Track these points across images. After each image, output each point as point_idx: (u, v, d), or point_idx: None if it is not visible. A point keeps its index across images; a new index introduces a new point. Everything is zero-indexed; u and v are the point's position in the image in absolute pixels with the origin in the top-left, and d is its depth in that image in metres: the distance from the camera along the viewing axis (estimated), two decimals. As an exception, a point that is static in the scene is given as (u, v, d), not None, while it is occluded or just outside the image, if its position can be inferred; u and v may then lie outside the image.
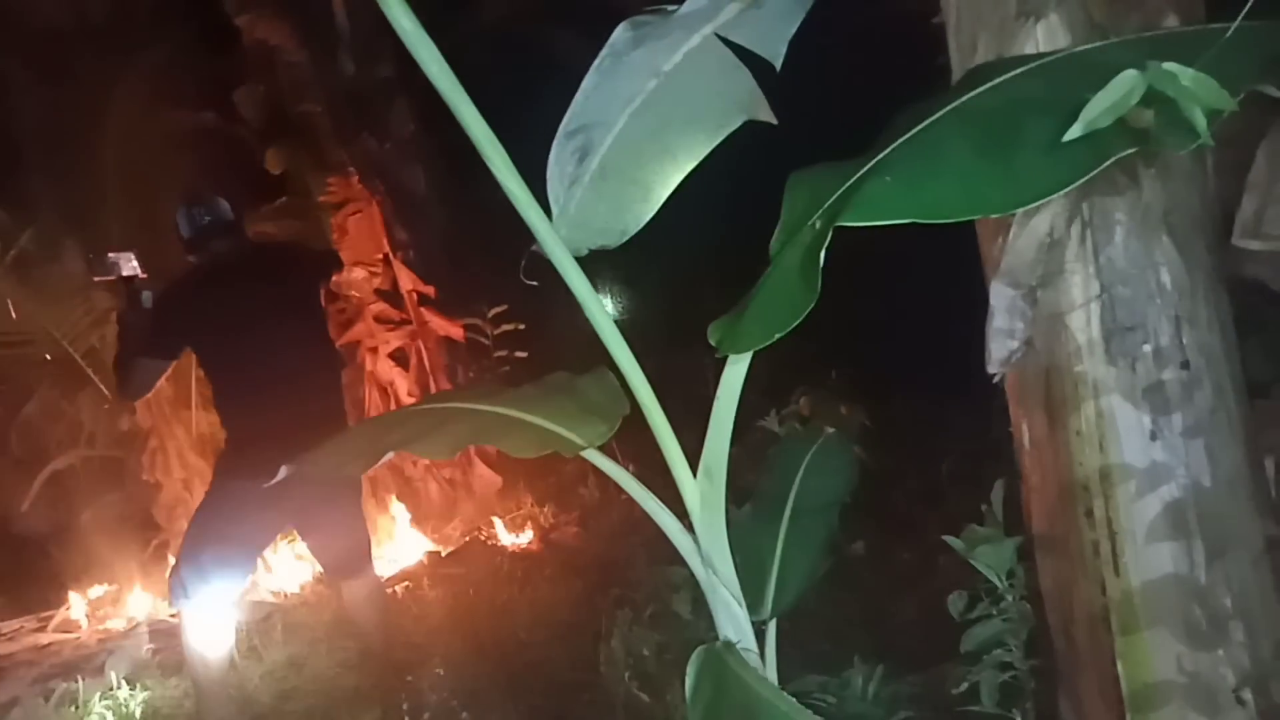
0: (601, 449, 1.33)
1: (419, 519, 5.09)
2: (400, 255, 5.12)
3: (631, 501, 4.19)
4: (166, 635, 4.05)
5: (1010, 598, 1.53)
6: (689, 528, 1.30)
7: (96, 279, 3.43)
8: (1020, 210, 1.34)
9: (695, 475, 1.27)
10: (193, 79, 5.30)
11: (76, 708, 3.28)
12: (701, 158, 1.31)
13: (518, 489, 5.24)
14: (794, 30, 1.26)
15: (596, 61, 1.11)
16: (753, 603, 1.38)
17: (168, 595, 3.22)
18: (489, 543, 4.69)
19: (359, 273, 4.69)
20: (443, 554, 4.64)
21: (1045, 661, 1.53)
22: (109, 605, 4.47)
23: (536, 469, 5.25)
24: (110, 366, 3.51)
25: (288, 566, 4.52)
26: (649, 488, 1.33)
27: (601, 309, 1.19)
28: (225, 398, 3.03)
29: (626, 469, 1.34)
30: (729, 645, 1.17)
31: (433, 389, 5.24)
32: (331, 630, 3.51)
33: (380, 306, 5.12)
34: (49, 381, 4.96)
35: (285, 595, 4.26)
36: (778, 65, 1.25)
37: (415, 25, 1.05)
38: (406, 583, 4.27)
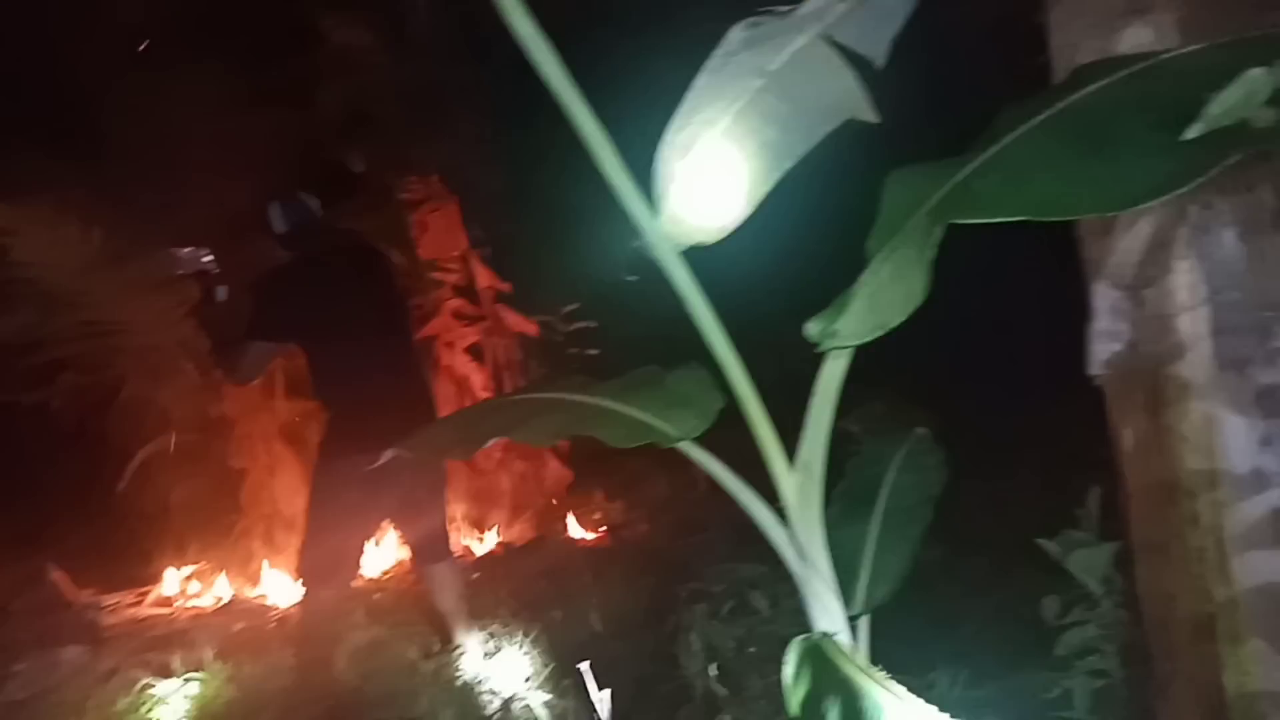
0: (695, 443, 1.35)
1: (492, 512, 5.19)
2: (477, 252, 5.23)
3: (701, 499, 4.23)
4: (253, 614, 4.22)
5: (1106, 603, 1.51)
6: (783, 522, 1.31)
7: (178, 273, 3.61)
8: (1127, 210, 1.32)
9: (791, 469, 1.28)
10: (276, 79, 5.50)
11: (171, 679, 3.45)
12: (800, 157, 1.33)
13: (588, 484, 5.31)
14: (897, 30, 1.27)
15: (709, 61, 1.14)
16: (844, 599, 1.38)
17: (297, 575, 3.41)
18: (560, 536, 4.76)
19: None
20: (514, 547, 4.73)
21: (1141, 669, 1.50)
22: (198, 584, 4.68)
23: (606, 465, 5.32)
24: (210, 355, 3.70)
25: (373, 553, 4.67)
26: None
27: (702, 303, 1.22)
28: (328, 385, 3.18)
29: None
30: (829, 636, 1.18)
31: (506, 384, 5.34)
32: (414, 614, 3.61)
33: (457, 302, 5.24)
34: (141, 369, 5.19)
35: (364, 579, 4.40)
36: (880, 64, 1.26)
37: (531, 27, 1.09)
38: (476, 573, 4.38)
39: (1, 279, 4.34)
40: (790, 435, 1.36)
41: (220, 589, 4.62)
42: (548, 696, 2.43)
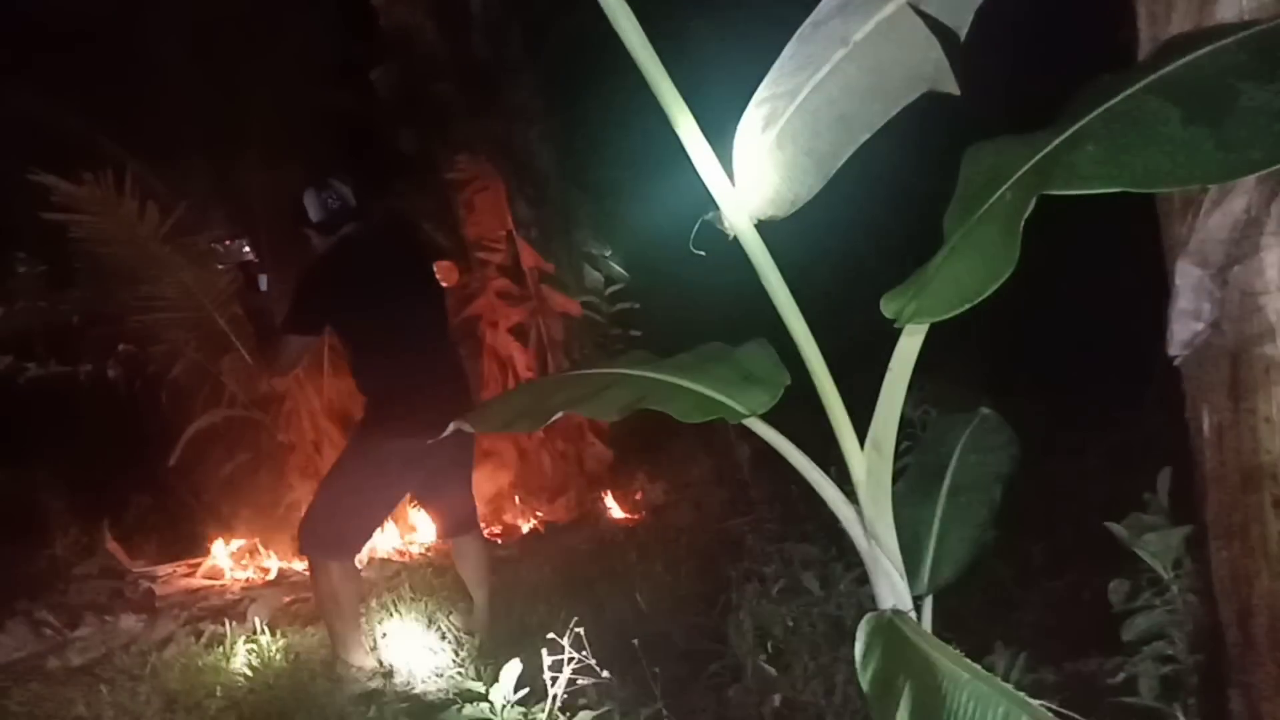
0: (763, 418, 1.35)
1: (534, 491, 5.24)
2: (523, 232, 5.25)
3: (745, 480, 4.19)
4: (301, 587, 4.31)
5: (1175, 588, 1.49)
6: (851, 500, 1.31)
7: (220, 266, 3.69)
8: (1214, 187, 1.29)
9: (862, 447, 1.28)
10: (331, 60, 5.55)
11: (223, 648, 3.53)
12: (876, 129, 1.31)
13: (630, 465, 5.32)
14: (980, 2, 1.25)
15: (799, 30, 1.13)
16: (909, 577, 1.38)
17: (297, 543, 3.48)
18: (602, 516, 4.79)
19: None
20: (557, 525, 4.77)
21: (1211, 655, 1.47)
22: (248, 556, 4.78)
23: (648, 446, 5.33)
24: (253, 343, 3.78)
25: (419, 527, 4.74)
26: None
27: (778, 277, 1.22)
28: (365, 366, 3.23)
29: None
30: (900, 613, 1.18)
31: (550, 364, 5.37)
32: (456, 590, 3.66)
33: (502, 282, 5.27)
34: (195, 345, 5.29)
35: (411, 555, 4.47)
36: (962, 36, 1.24)
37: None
38: (518, 550, 4.42)
39: (62, 255, 4.44)
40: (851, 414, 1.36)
41: (269, 561, 4.72)
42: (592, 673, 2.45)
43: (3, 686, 3.26)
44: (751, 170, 1.23)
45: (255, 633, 3.65)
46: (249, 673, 3.29)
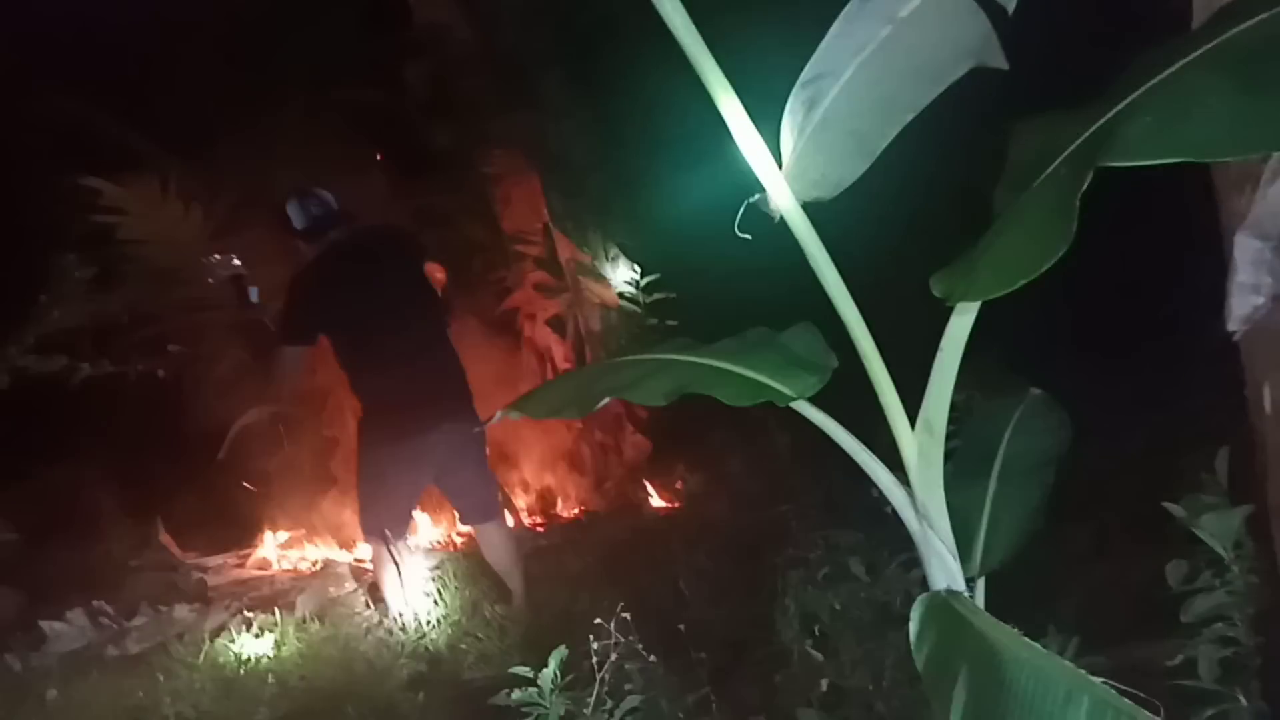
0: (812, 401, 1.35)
1: (572, 480, 5.27)
2: (559, 225, 5.27)
3: (784, 468, 4.17)
4: (345, 578, 4.38)
5: (1235, 569, 1.46)
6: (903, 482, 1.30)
7: (210, 281, 3.77)
8: (1274, 156, 1.26)
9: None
10: (364, 56, 5.60)
11: (273, 636, 3.61)
12: (921, 108, 1.30)
13: (668, 455, 5.33)
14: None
15: (845, 9, 1.12)
16: (960, 560, 1.37)
17: (359, 538, 3.61)
18: (642, 505, 4.80)
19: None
20: (597, 514, 4.80)
21: (1274, 637, 1.45)
22: (295, 548, 4.88)
23: (686, 436, 5.33)
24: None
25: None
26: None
27: (826, 258, 1.21)
28: (359, 372, 3.33)
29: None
30: (955, 593, 1.17)
31: (587, 356, 5.39)
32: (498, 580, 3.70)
33: (539, 275, 5.30)
34: (239, 342, 5.39)
35: (455, 544, 4.53)
36: (1010, 9, 1.22)
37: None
38: (558, 539, 4.45)
39: (111, 256, 4.55)
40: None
41: (315, 553, 4.81)
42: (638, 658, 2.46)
43: (65, 674, 3.36)
44: (797, 152, 1.23)
45: (304, 621, 3.72)
46: (299, 660, 3.36)
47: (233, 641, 3.61)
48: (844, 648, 2.22)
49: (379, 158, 5.48)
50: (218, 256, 3.79)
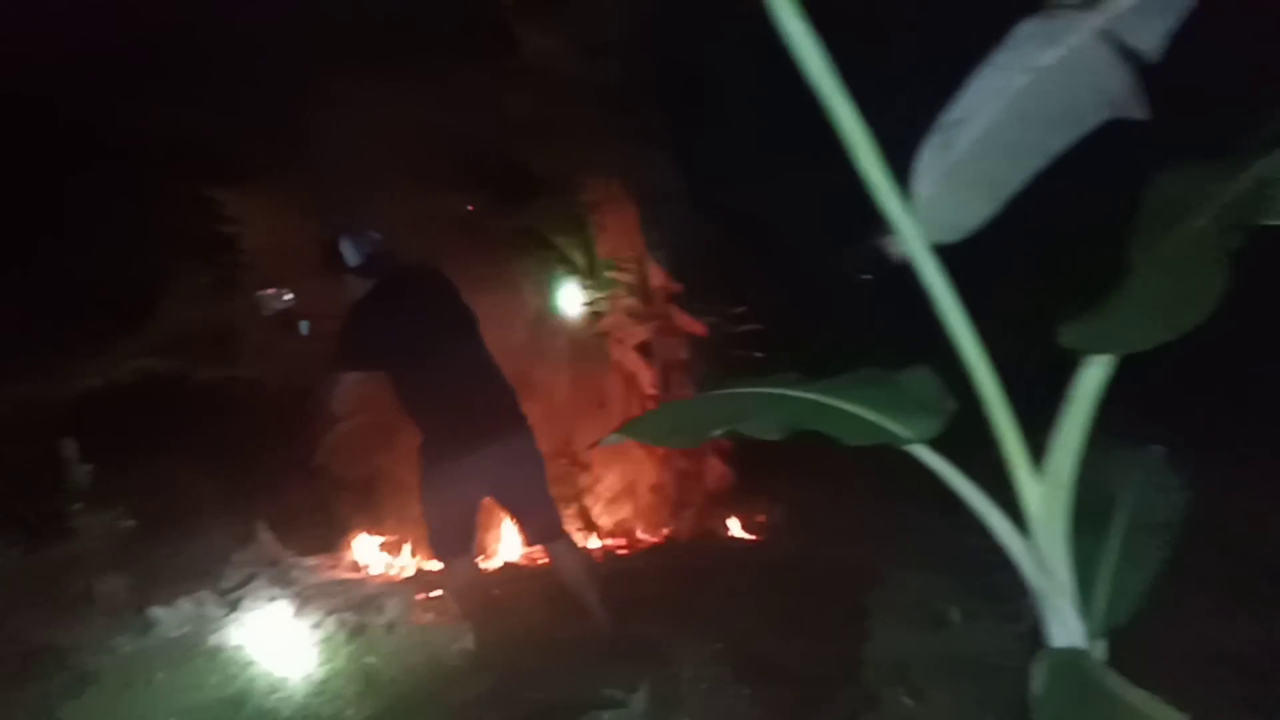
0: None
1: (655, 506, 5.28)
2: (652, 253, 5.34)
3: (869, 508, 4.11)
4: (433, 585, 4.48)
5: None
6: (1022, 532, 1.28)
7: (265, 314, 3.97)
8: None
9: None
10: (467, 83, 5.80)
11: (363, 638, 3.72)
12: (1053, 156, 1.29)
13: (750, 486, 5.30)
14: (1173, 24, 1.21)
15: (990, 56, 1.13)
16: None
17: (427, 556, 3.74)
18: (723, 535, 4.79)
19: None
20: (678, 542, 4.79)
21: None
22: (386, 553, 5.02)
23: (768, 468, 5.29)
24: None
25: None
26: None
27: (953, 300, 1.21)
28: (415, 401, 3.46)
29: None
30: (1083, 652, 1.14)
31: (672, 382, 5.42)
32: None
33: (630, 301, 5.37)
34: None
35: (534, 559, 4.59)
36: (1155, 59, 1.21)
37: (799, 23, 1.11)
38: (637, 565, 4.46)
39: (232, 264, 4.81)
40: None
41: (406, 559, 4.94)
42: (725, 689, 2.46)
43: (170, 659, 3.53)
44: (931, 194, 1.23)
45: (392, 627, 3.82)
46: (386, 664, 3.46)
47: (325, 640, 3.73)
48: (936, 696, 2.17)
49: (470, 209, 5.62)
50: (269, 290, 4.01)
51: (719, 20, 5.22)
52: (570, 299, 5.44)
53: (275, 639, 3.75)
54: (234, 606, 4.04)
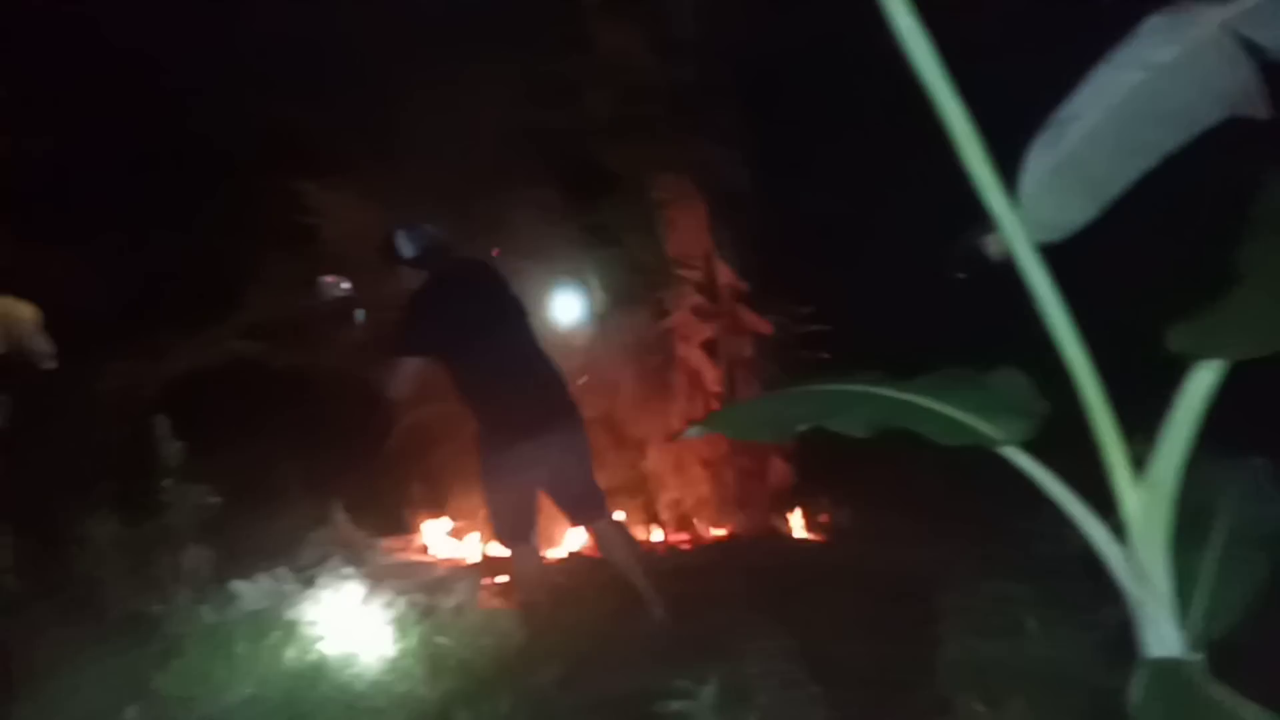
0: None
1: (716, 502, 5.29)
2: (721, 252, 5.34)
3: (938, 511, 4.04)
4: (500, 570, 4.56)
5: None
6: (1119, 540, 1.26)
7: (318, 303, 4.09)
8: None
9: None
10: (546, 81, 5.87)
11: (433, 620, 3.80)
12: (1163, 156, 1.26)
13: (813, 485, 5.27)
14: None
15: (1110, 53, 1.12)
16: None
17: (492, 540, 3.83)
18: (786, 534, 4.77)
19: None
20: (741, 540, 4.79)
21: None
22: (453, 538, 5.13)
23: (831, 467, 5.25)
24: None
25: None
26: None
27: (1057, 301, 1.20)
28: (470, 389, 3.55)
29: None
30: (1185, 662, 1.13)
31: (737, 381, 5.42)
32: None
33: (697, 299, 5.38)
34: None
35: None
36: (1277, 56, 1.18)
37: (912, 20, 1.11)
38: (702, 559, 4.47)
39: (313, 255, 4.97)
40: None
41: (474, 544, 5.04)
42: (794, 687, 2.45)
43: (251, 632, 3.66)
44: (1035, 193, 1.22)
45: (461, 610, 3.90)
46: (455, 646, 3.53)
47: (396, 620, 3.82)
48: (1011, 704, 2.14)
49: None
50: (327, 279, 4.16)
51: (795, 20, 5.20)
52: (638, 296, 5.49)
53: (348, 616, 3.87)
54: (310, 584, 4.17)
